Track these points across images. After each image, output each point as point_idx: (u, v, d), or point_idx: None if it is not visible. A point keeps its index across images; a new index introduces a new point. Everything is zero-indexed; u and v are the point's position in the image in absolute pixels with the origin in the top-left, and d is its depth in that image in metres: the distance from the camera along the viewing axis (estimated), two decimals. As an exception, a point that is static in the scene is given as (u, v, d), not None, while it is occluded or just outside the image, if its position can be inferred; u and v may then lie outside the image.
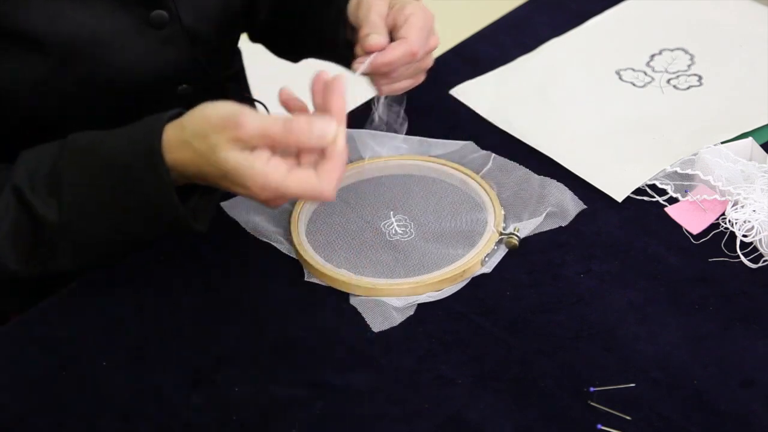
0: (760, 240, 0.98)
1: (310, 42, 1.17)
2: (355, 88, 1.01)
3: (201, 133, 0.84)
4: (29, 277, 0.95)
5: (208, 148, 0.84)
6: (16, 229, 0.91)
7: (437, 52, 1.28)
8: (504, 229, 1.00)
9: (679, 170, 1.06)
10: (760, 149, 1.07)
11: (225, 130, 0.83)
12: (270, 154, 0.83)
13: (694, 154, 1.06)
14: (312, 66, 1.19)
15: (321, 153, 0.84)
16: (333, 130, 0.84)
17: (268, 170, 0.83)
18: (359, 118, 1.12)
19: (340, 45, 1.09)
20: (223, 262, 1.01)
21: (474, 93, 1.20)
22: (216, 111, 0.84)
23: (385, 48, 0.99)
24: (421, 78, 1.06)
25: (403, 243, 1.01)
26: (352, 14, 1.05)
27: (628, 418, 0.85)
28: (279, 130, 0.82)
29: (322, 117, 0.84)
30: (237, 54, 1.27)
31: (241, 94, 1.24)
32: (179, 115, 0.88)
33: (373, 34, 0.99)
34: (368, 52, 0.99)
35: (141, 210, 0.89)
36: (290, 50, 1.24)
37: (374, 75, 1.02)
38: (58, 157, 0.91)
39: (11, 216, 0.91)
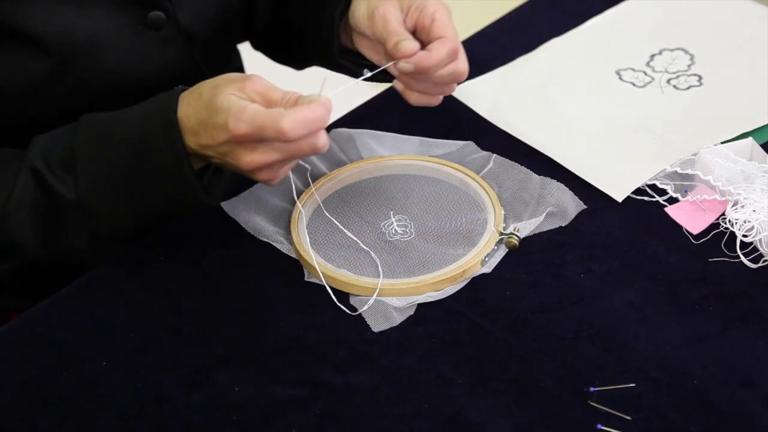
0: (760, 240, 0.98)
1: (309, 50, 1.17)
2: (355, 87, 1.01)
3: (213, 83, 0.91)
4: (46, 260, 0.96)
5: (213, 92, 0.90)
6: (35, 209, 0.93)
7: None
8: (504, 229, 1.00)
9: (679, 170, 1.06)
10: (760, 149, 1.07)
11: (234, 81, 0.90)
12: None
13: (694, 154, 1.06)
14: (314, 70, 1.20)
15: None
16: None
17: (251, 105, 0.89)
18: (359, 118, 1.12)
19: (335, 54, 1.09)
20: (223, 262, 1.01)
21: (474, 93, 1.20)
22: (234, 73, 0.93)
23: (427, 49, 0.98)
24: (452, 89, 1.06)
25: (403, 243, 1.01)
26: (364, 27, 1.04)
27: (628, 418, 0.85)
28: (278, 96, 0.90)
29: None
30: (236, 54, 1.27)
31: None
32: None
33: (405, 41, 0.98)
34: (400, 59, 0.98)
35: (156, 183, 0.92)
36: (290, 58, 1.24)
37: (409, 82, 1.02)
38: (72, 136, 0.93)
39: (30, 196, 0.93)
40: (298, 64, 1.23)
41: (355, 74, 1.05)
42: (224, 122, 0.88)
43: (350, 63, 1.09)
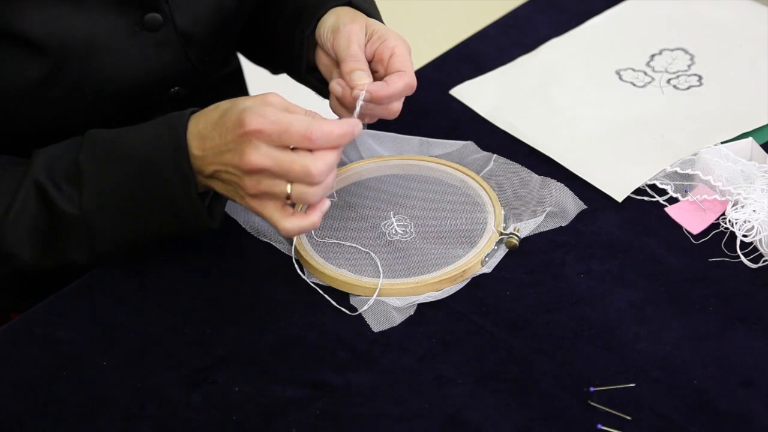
0: (760, 240, 0.98)
1: (279, 60, 1.17)
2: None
3: (232, 100, 0.91)
4: (41, 269, 0.96)
5: (232, 102, 0.90)
6: (35, 222, 0.93)
7: (437, 52, 1.28)
8: (504, 229, 1.00)
9: (679, 170, 1.06)
10: (760, 149, 1.07)
11: (254, 97, 0.90)
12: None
13: (694, 154, 1.06)
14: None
15: None
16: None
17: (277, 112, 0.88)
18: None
19: (302, 71, 1.09)
20: (223, 262, 1.01)
21: (474, 93, 1.20)
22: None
23: (386, 80, 0.98)
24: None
25: (403, 243, 1.01)
26: (325, 39, 1.03)
27: (628, 418, 0.85)
28: (300, 112, 0.89)
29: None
30: (233, 54, 1.27)
31: (236, 95, 1.24)
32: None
33: (358, 72, 0.98)
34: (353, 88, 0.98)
35: (160, 201, 0.92)
36: (264, 61, 1.24)
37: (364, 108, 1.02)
38: (78, 151, 0.93)
39: (31, 210, 0.93)
40: (272, 67, 1.23)
41: (319, 91, 1.09)
42: (240, 118, 0.87)
43: (315, 80, 1.09)
